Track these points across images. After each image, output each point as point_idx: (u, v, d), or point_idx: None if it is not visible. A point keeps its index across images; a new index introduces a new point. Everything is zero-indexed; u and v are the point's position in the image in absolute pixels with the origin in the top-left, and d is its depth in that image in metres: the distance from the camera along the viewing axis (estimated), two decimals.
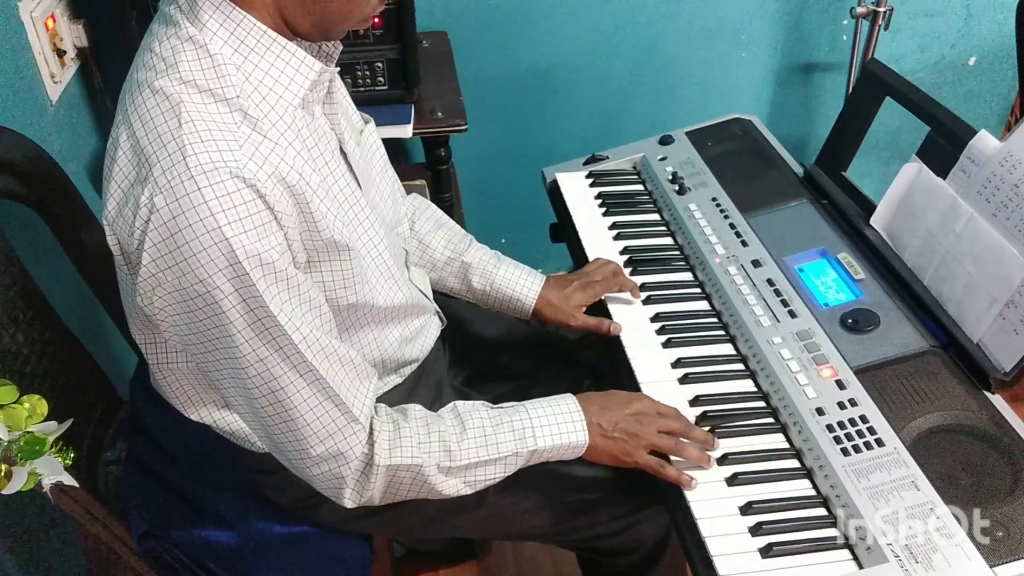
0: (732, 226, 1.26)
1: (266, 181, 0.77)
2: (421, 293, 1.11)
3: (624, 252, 1.29)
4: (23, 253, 1.07)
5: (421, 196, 1.26)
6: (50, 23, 1.38)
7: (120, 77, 0.86)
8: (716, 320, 1.16)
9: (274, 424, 0.86)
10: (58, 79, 1.40)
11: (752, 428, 1.01)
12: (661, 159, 1.42)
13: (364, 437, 0.89)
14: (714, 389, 1.06)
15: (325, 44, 0.90)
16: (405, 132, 1.57)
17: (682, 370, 1.09)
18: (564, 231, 1.38)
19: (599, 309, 1.19)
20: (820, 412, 0.98)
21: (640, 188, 1.42)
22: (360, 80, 1.58)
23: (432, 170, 1.76)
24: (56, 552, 1.29)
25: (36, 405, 0.80)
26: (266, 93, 0.81)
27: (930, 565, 0.82)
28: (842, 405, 0.98)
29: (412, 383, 1.10)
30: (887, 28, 1.87)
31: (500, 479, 0.97)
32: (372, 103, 1.54)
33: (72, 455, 0.82)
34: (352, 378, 0.88)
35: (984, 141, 1.06)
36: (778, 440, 1.00)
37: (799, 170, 1.37)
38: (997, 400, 0.99)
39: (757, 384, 1.07)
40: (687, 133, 1.47)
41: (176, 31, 0.80)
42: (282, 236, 0.80)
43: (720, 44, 2.02)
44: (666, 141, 1.46)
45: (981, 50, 2.10)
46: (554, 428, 0.97)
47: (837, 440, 0.95)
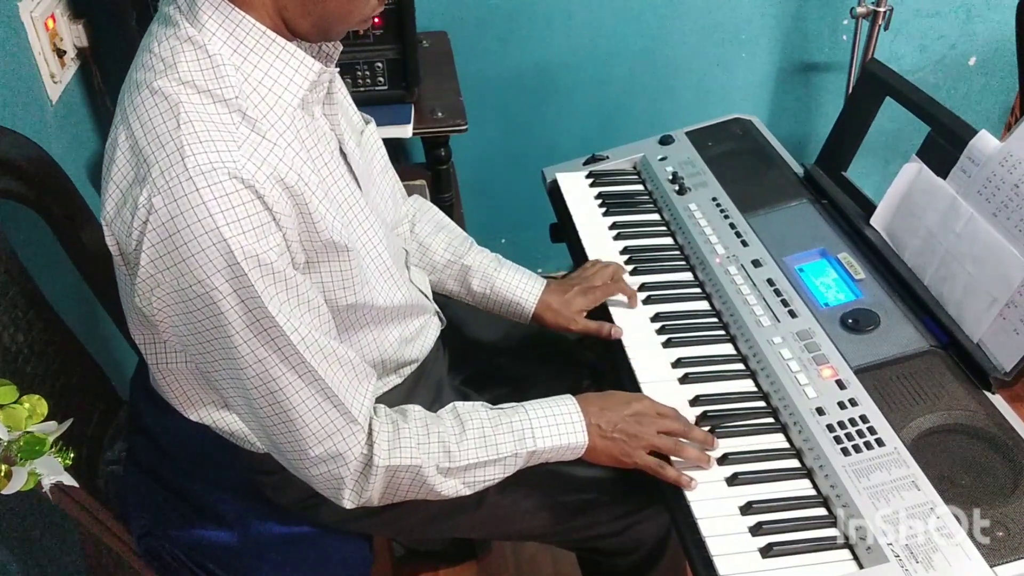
0: (732, 226, 1.26)
1: (264, 182, 0.77)
2: (421, 293, 1.11)
3: (624, 252, 1.29)
4: (23, 253, 1.07)
5: (422, 197, 1.26)
6: (50, 23, 1.38)
7: (120, 77, 0.86)
8: (716, 320, 1.16)
9: (273, 425, 0.86)
10: (58, 79, 1.40)
11: (752, 428, 1.01)
12: (661, 159, 1.42)
13: (363, 438, 0.89)
14: (714, 389, 1.06)
15: (325, 45, 0.90)
16: (405, 132, 1.57)
17: (682, 370, 1.09)
18: (564, 231, 1.38)
19: (599, 310, 1.19)
20: (820, 412, 0.98)
21: (640, 188, 1.42)
22: (360, 80, 1.58)
23: (432, 170, 1.76)
24: (56, 552, 1.29)
25: (36, 405, 0.80)
26: (265, 94, 0.81)
27: (930, 565, 0.82)
28: (842, 405, 0.98)
29: (412, 383, 1.10)
30: (887, 28, 1.87)
31: (499, 480, 0.97)
32: (372, 103, 1.54)
33: (72, 455, 0.82)
34: (351, 379, 0.88)
35: (984, 141, 1.06)
36: (778, 440, 1.00)
37: (799, 170, 1.37)
38: (997, 400, 0.99)
39: (757, 384, 1.07)
40: (687, 133, 1.47)
41: (175, 31, 0.80)
42: (281, 237, 0.80)
43: (720, 44, 2.02)
44: (666, 141, 1.46)
45: (981, 50, 2.10)
46: (553, 429, 0.97)
47: (837, 440, 0.94)
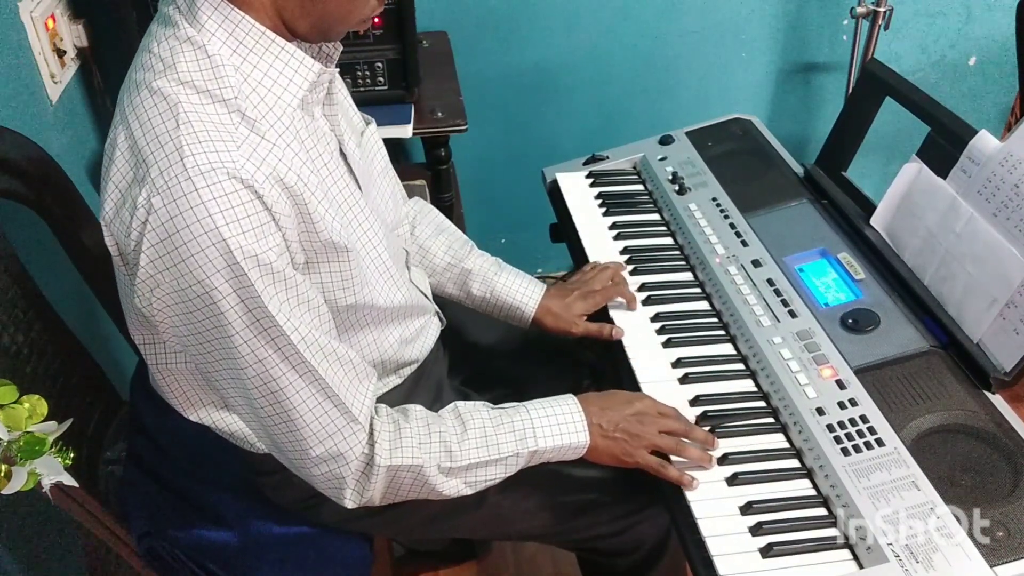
0: (732, 226, 1.26)
1: (264, 182, 0.77)
2: (421, 294, 1.11)
3: (624, 252, 1.29)
4: (23, 253, 1.07)
5: (422, 199, 1.26)
6: (50, 23, 1.38)
7: (120, 77, 0.85)
8: (716, 320, 1.16)
9: (274, 425, 0.86)
10: (58, 79, 1.40)
11: (752, 428, 1.01)
12: (661, 159, 1.42)
13: (364, 437, 0.89)
14: (714, 389, 1.06)
15: (325, 45, 0.90)
16: (405, 132, 1.57)
17: (682, 370, 1.09)
18: (564, 231, 1.38)
19: (599, 311, 1.19)
20: (820, 412, 0.98)
21: (640, 188, 1.42)
22: (360, 80, 1.58)
23: (432, 170, 1.76)
24: (56, 552, 1.29)
25: (36, 405, 0.80)
26: (264, 94, 0.81)
27: (930, 565, 0.82)
28: (842, 405, 0.98)
29: (411, 384, 1.10)
30: (887, 28, 1.87)
31: (501, 479, 0.97)
32: (372, 103, 1.54)
33: (72, 455, 0.82)
34: (351, 378, 0.88)
35: (984, 141, 1.06)
36: (778, 440, 1.00)
37: (799, 170, 1.37)
38: (997, 400, 0.99)
39: (757, 384, 1.07)
40: (687, 133, 1.47)
41: (175, 32, 0.79)
42: (280, 237, 0.80)
43: (720, 44, 2.02)
44: (666, 141, 1.46)
45: (981, 50, 2.10)
46: (555, 428, 0.97)
47: (837, 440, 0.94)
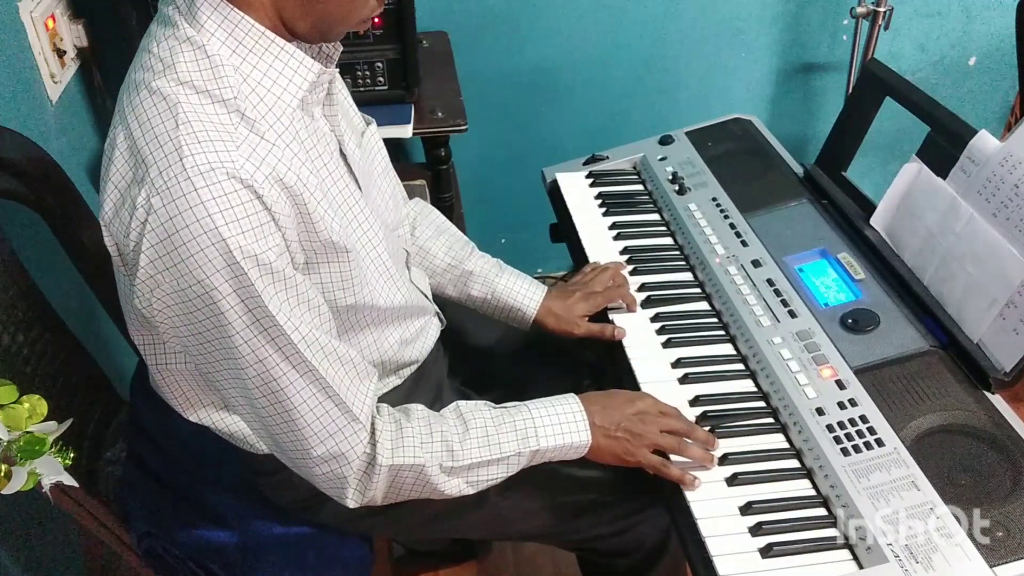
0: (732, 226, 1.26)
1: (263, 182, 0.77)
2: (421, 294, 1.11)
3: (624, 252, 1.29)
4: (23, 253, 1.07)
5: (422, 199, 1.26)
6: (50, 23, 1.38)
7: (120, 77, 0.85)
8: (716, 320, 1.16)
9: (275, 425, 0.86)
10: (58, 79, 1.40)
11: (752, 428, 1.01)
12: (661, 159, 1.42)
13: (365, 437, 0.89)
14: (714, 389, 1.06)
15: (325, 45, 0.89)
16: (405, 132, 1.57)
17: (682, 370, 1.09)
18: (564, 231, 1.38)
19: (598, 313, 1.19)
20: (820, 412, 0.98)
21: (640, 188, 1.42)
22: (360, 80, 1.58)
23: (432, 170, 1.76)
24: (56, 552, 1.29)
25: (36, 405, 0.80)
26: (264, 94, 0.81)
27: (930, 565, 0.82)
28: (842, 405, 0.98)
29: (411, 384, 1.10)
30: (887, 28, 1.87)
31: (502, 479, 0.97)
32: (372, 103, 1.54)
33: (72, 455, 0.82)
34: (352, 377, 0.88)
35: (984, 141, 1.06)
36: (778, 440, 1.00)
37: (799, 170, 1.37)
38: (997, 400, 0.99)
39: (757, 384, 1.07)
40: (687, 133, 1.47)
41: (174, 32, 0.79)
42: (280, 237, 0.80)
43: (720, 44, 2.02)
44: (666, 141, 1.46)
45: (981, 50, 2.10)
46: (556, 428, 0.97)
47: (837, 440, 0.94)
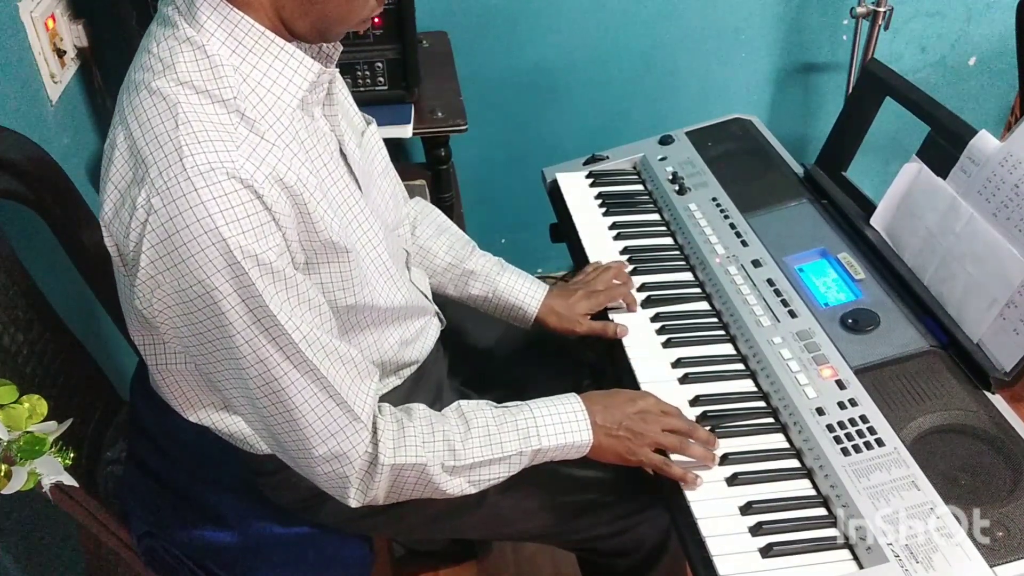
0: (732, 226, 1.26)
1: (263, 182, 0.77)
2: (421, 294, 1.11)
3: (624, 252, 1.28)
4: (23, 253, 1.07)
5: (423, 199, 1.26)
6: (50, 23, 1.38)
7: (120, 77, 0.85)
8: (716, 320, 1.16)
9: (277, 424, 0.86)
10: (58, 79, 1.40)
11: (752, 428, 1.01)
12: (661, 159, 1.42)
13: (367, 436, 0.89)
14: (714, 389, 1.06)
15: (325, 45, 0.89)
16: (405, 132, 1.57)
17: (682, 370, 1.09)
18: (564, 231, 1.38)
19: (599, 312, 1.19)
20: (820, 412, 0.98)
21: (640, 188, 1.42)
22: (360, 80, 1.58)
23: (432, 170, 1.76)
24: (56, 552, 1.29)
25: (36, 405, 0.80)
26: (264, 94, 0.81)
27: (930, 565, 0.82)
28: (842, 405, 0.98)
29: (411, 385, 1.10)
30: (887, 28, 1.87)
31: (504, 478, 0.97)
32: (372, 103, 1.54)
33: (72, 455, 0.82)
34: (353, 377, 0.88)
35: (984, 141, 1.06)
36: (778, 440, 1.00)
37: (799, 170, 1.37)
38: (997, 400, 0.99)
39: (757, 384, 1.07)
40: (687, 133, 1.47)
41: (174, 32, 0.79)
42: (280, 237, 0.80)
43: (720, 44, 2.02)
44: (666, 141, 1.46)
45: (981, 50, 2.10)
46: (558, 427, 0.97)
47: (837, 440, 0.94)
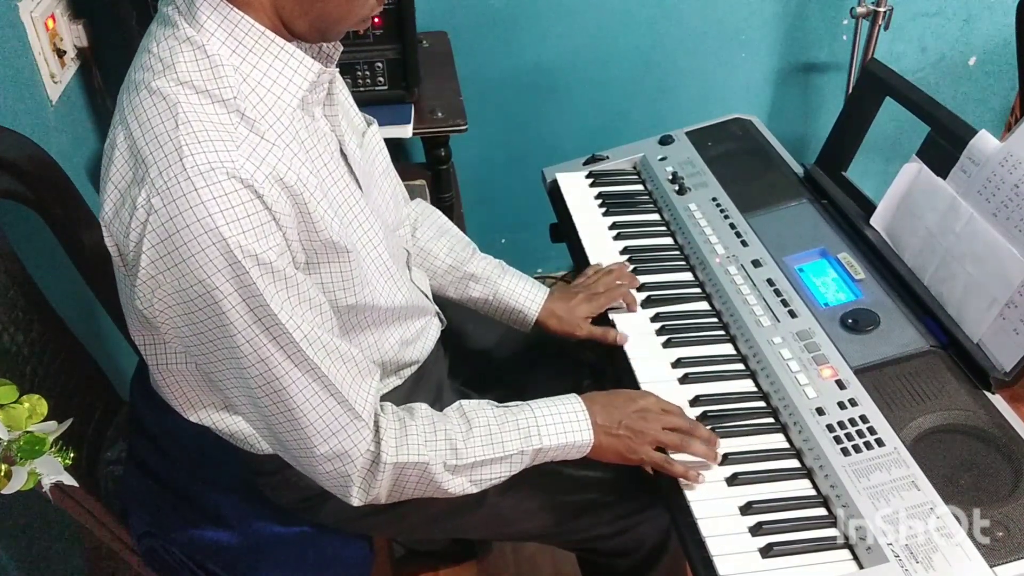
0: (732, 226, 1.26)
1: (264, 182, 0.77)
2: (422, 294, 1.11)
3: (624, 252, 1.29)
4: (23, 253, 1.07)
5: (424, 200, 1.26)
6: (50, 23, 1.38)
7: (120, 77, 0.85)
8: (716, 320, 1.16)
9: (279, 424, 0.86)
10: (58, 79, 1.40)
11: (752, 428, 1.01)
12: (661, 159, 1.42)
13: (368, 435, 0.89)
14: (714, 389, 1.06)
15: (325, 45, 0.89)
16: (405, 132, 1.57)
17: (682, 370, 1.09)
18: (564, 231, 1.38)
19: (600, 314, 1.19)
20: (820, 412, 0.98)
21: (640, 188, 1.42)
22: (360, 80, 1.58)
23: (432, 170, 1.76)
24: (56, 552, 1.29)
25: (36, 405, 0.80)
26: (264, 94, 0.81)
27: (930, 565, 0.82)
28: (842, 405, 0.98)
29: (412, 385, 1.10)
30: (887, 28, 1.87)
31: (506, 478, 0.97)
32: (372, 103, 1.54)
33: (72, 455, 0.82)
34: (354, 375, 0.88)
35: (984, 141, 1.06)
36: (778, 440, 1.00)
37: (799, 170, 1.37)
38: (997, 400, 0.99)
39: (757, 384, 1.07)
40: (687, 133, 1.47)
41: (174, 32, 0.79)
42: (281, 236, 0.80)
43: (720, 44, 2.02)
44: (666, 141, 1.46)
45: (981, 50, 2.10)
46: (559, 427, 0.97)
47: (837, 440, 0.94)
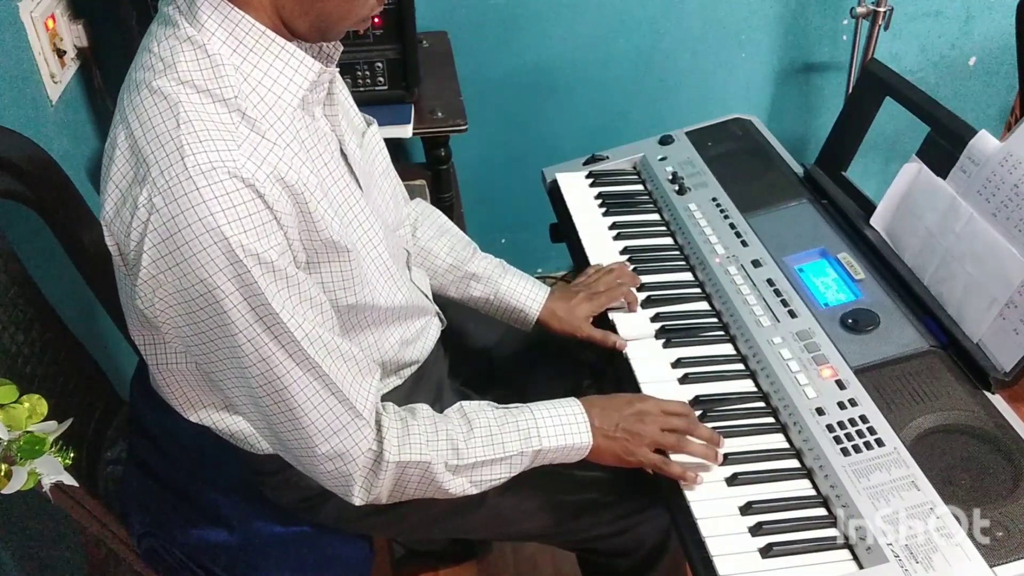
0: (732, 226, 1.26)
1: (265, 181, 0.77)
2: (422, 294, 1.11)
3: (624, 252, 1.29)
4: (23, 253, 1.07)
5: (424, 200, 1.26)
6: (50, 23, 1.38)
7: (120, 77, 0.85)
8: (716, 320, 1.16)
9: (280, 423, 0.86)
10: (58, 79, 1.40)
11: (752, 428, 1.01)
12: (661, 159, 1.42)
13: (369, 434, 0.89)
14: (714, 389, 1.06)
15: (325, 45, 0.89)
16: (405, 132, 1.57)
17: (682, 370, 1.09)
18: (564, 231, 1.38)
19: (600, 313, 1.19)
20: (820, 412, 0.98)
21: (640, 188, 1.42)
22: (360, 80, 1.58)
23: (432, 170, 1.76)
24: (56, 552, 1.29)
25: (36, 405, 0.80)
26: (264, 94, 0.81)
27: (930, 565, 0.82)
28: (842, 405, 0.98)
29: (412, 385, 1.10)
30: (887, 28, 1.87)
31: (505, 479, 0.97)
32: (372, 103, 1.54)
33: (72, 455, 0.82)
34: (355, 374, 0.88)
35: (984, 141, 1.06)
36: (778, 440, 1.00)
37: (799, 170, 1.37)
38: (997, 400, 0.99)
39: (757, 384, 1.07)
40: (687, 133, 1.47)
41: (175, 31, 0.79)
42: (282, 236, 0.80)
43: (720, 44, 2.02)
44: (666, 141, 1.46)
45: (981, 50, 2.10)
46: (559, 429, 0.97)
47: (837, 440, 0.94)
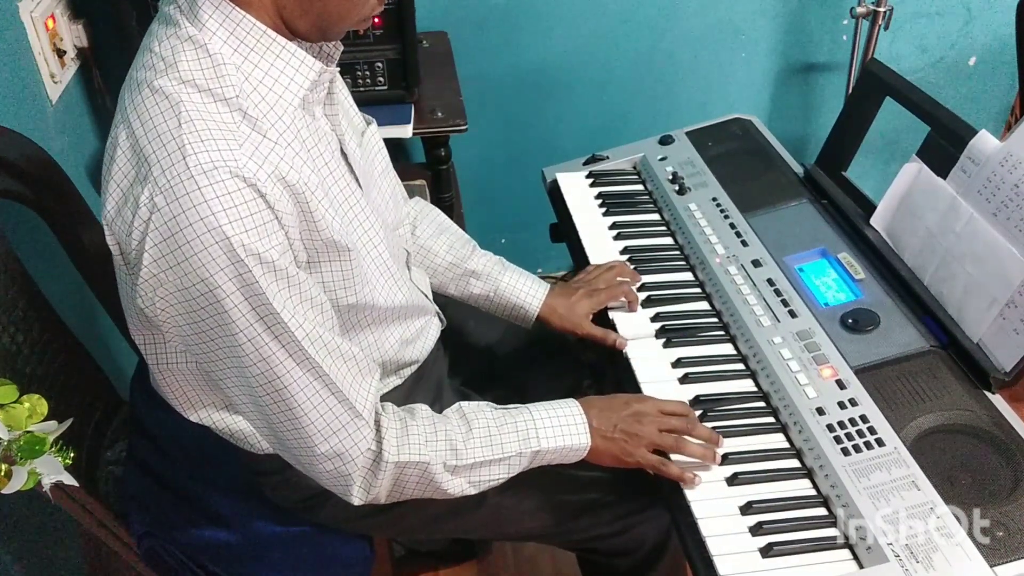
0: (732, 226, 1.26)
1: (266, 180, 0.78)
2: (422, 294, 1.11)
3: (624, 252, 1.29)
4: (23, 253, 1.07)
5: (423, 199, 1.26)
6: (50, 23, 1.38)
7: (120, 77, 0.86)
8: (716, 320, 1.16)
9: (279, 423, 0.86)
10: (58, 79, 1.39)
11: (752, 428, 1.01)
12: (661, 159, 1.42)
13: (369, 434, 0.89)
14: (714, 389, 1.06)
15: (325, 44, 0.89)
16: (405, 132, 1.57)
17: (682, 370, 1.09)
18: (564, 231, 1.38)
19: (599, 312, 1.19)
20: (820, 412, 0.98)
21: (640, 188, 1.42)
22: (360, 80, 1.58)
23: (432, 170, 1.76)
24: (56, 552, 1.29)
25: (36, 405, 0.80)
26: (265, 93, 0.81)
27: (930, 565, 0.82)
28: (842, 405, 0.98)
29: (411, 384, 1.10)
30: (887, 28, 1.87)
31: (504, 480, 0.97)
32: (372, 103, 1.54)
33: (72, 455, 0.82)
34: (355, 374, 0.88)
35: (984, 141, 1.06)
36: (778, 440, 1.00)
37: (799, 170, 1.37)
38: (997, 400, 0.99)
39: (757, 384, 1.07)
40: (687, 133, 1.47)
41: (176, 31, 0.80)
42: (283, 235, 0.80)
43: (720, 44, 2.02)
44: (666, 141, 1.46)
45: (981, 50, 2.10)
46: (557, 430, 0.97)
47: (837, 440, 0.95)
